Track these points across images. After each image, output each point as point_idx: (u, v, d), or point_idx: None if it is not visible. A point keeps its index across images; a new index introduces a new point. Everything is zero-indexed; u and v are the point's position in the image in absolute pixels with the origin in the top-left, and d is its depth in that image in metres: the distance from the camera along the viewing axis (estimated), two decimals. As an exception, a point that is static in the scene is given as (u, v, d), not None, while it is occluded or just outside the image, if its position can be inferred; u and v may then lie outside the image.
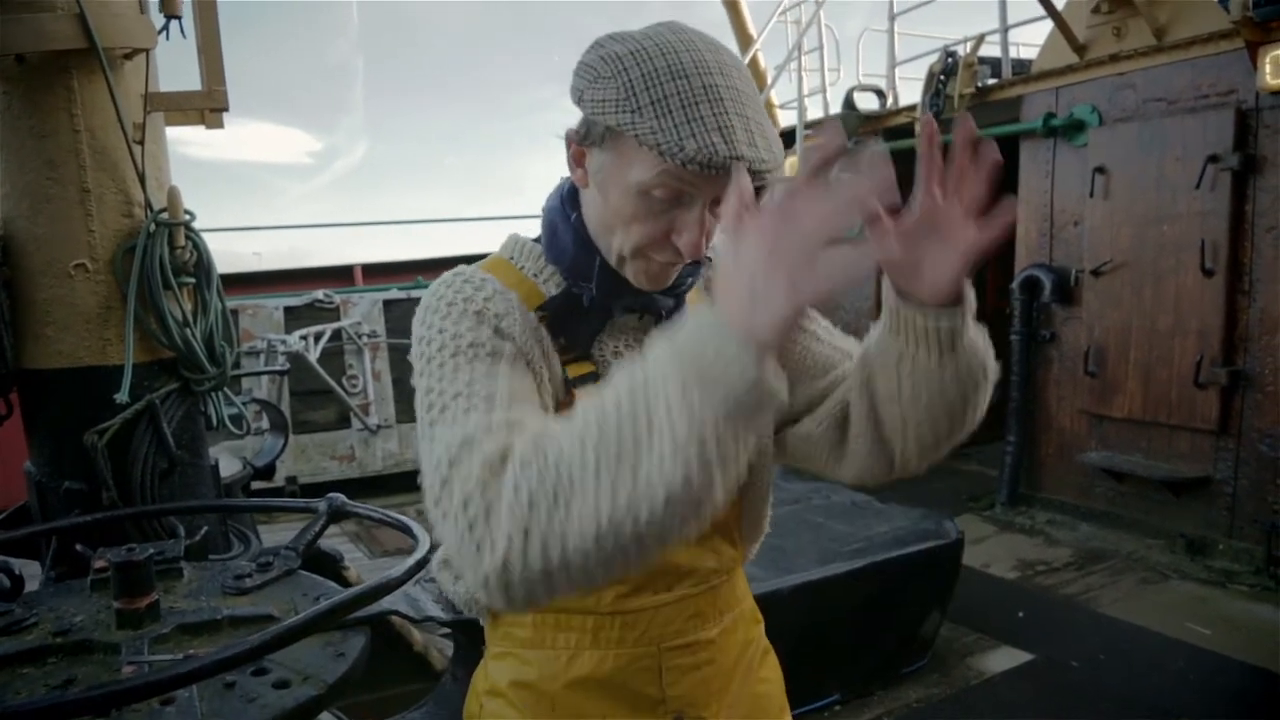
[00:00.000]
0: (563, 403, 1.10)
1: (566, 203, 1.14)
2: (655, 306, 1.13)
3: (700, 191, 1.00)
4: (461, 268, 1.13)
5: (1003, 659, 3.98)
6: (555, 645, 1.17)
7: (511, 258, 1.18)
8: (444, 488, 0.90)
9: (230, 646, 1.32)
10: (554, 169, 1.21)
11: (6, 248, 2.69)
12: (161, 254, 2.75)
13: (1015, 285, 6.13)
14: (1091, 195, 5.60)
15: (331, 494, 2.20)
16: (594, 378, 1.11)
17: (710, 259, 1.18)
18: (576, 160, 1.09)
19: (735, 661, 1.26)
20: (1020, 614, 4.47)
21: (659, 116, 0.96)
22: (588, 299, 1.11)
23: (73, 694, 1.38)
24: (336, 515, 2.16)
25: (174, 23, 2.89)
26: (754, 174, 0.94)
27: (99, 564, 1.89)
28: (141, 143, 2.76)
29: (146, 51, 2.82)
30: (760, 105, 1.03)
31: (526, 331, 1.07)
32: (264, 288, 8.75)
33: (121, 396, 2.65)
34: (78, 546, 2.16)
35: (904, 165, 0.68)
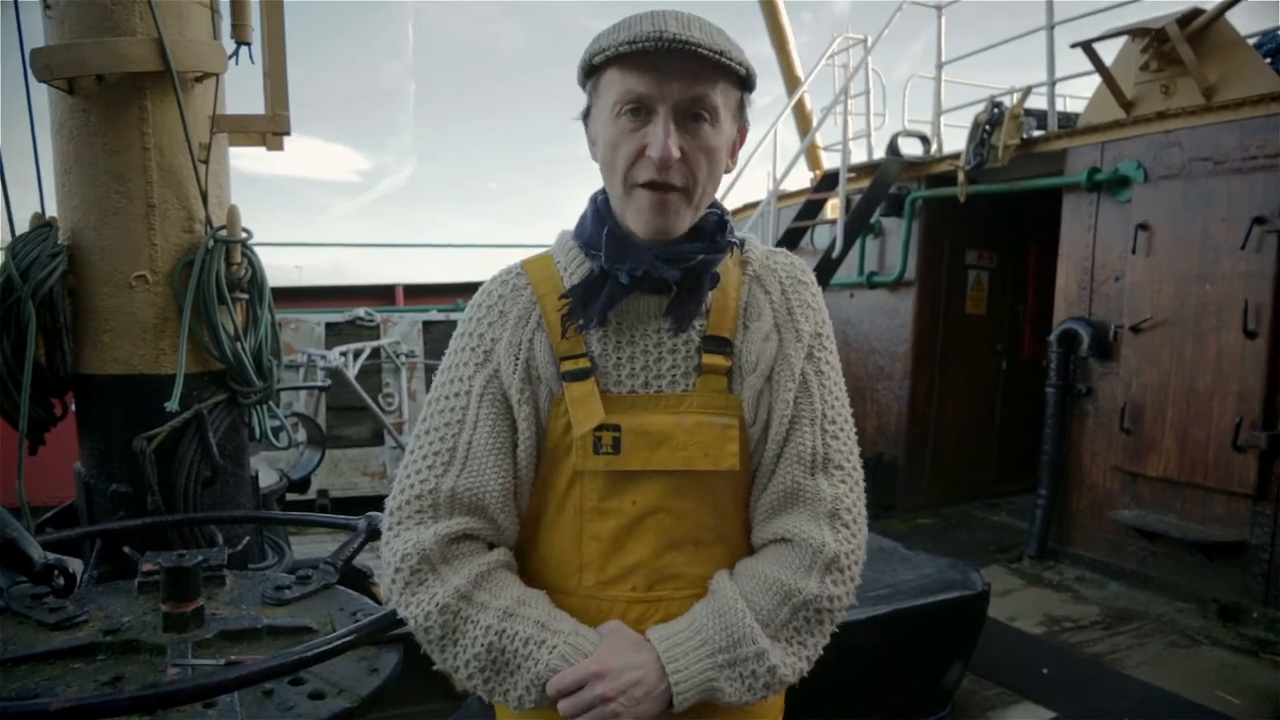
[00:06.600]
0: (556, 398, 1.23)
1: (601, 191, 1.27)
2: (657, 272, 1.20)
3: (657, 97, 1.13)
4: (510, 266, 1.33)
5: (1024, 715, 3.93)
6: None
7: (553, 252, 1.33)
8: (395, 524, 1.24)
9: (276, 656, 1.37)
10: (584, 193, 1.34)
11: (73, 257, 2.80)
12: (218, 270, 2.84)
13: (1053, 338, 6.10)
14: (1134, 251, 5.58)
15: (371, 513, 2.25)
16: (586, 373, 1.22)
17: (733, 243, 1.28)
18: (590, 140, 1.25)
19: None
20: (1044, 670, 4.41)
21: (609, 33, 1.14)
22: (597, 267, 1.22)
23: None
24: (375, 534, 2.20)
25: (243, 48, 3.03)
26: (687, 48, 1.09)
27: (147, 567, 1.96)
28: (206, 162, 2.87)
29: (216, 75, 2.93)
30: (716, 30, 1.15)
31: (518, 347, 1.24)
32: (306, 303, 8.89)
33: (171, 405, 2.74)
34: (125, 549, 2.23)
35: (945, 211, 0.72)
